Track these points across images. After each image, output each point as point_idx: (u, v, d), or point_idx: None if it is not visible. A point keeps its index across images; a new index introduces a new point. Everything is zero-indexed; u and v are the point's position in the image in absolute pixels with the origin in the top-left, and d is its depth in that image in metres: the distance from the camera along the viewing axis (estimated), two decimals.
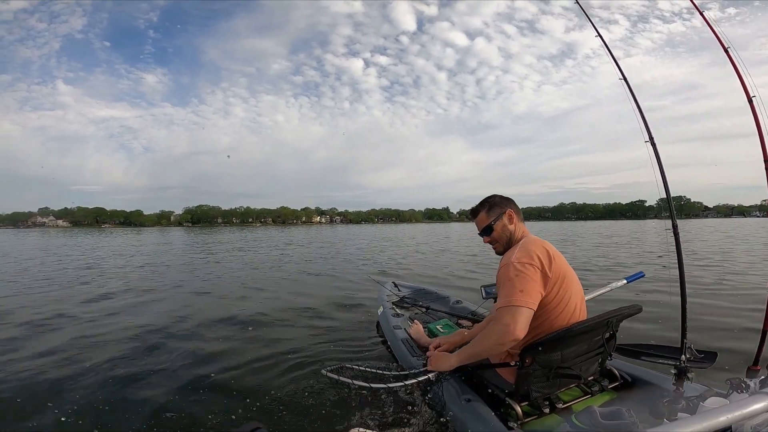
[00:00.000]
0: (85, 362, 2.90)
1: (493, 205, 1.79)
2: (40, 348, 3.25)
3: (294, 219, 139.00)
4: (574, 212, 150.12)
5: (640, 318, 1.65)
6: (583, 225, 52.73)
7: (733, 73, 2.01)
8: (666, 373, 1.65)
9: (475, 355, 1.62)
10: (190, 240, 24.14)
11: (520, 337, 1.43)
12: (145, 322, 4.08)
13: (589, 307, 1.74)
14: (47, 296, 5.75)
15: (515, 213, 1.76)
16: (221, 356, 3.03)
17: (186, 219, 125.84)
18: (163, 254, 13.81)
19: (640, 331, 3.22)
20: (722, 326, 3.48)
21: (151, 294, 5.93)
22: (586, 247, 14.16)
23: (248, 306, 4.94)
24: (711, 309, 4.13)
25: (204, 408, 2.18)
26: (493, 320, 1.52)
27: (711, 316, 3.87)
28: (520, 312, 1.43)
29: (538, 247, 1.58)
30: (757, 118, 1.91)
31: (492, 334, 1.49)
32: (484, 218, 1.78)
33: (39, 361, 2.94)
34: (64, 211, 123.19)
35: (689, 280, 2.21)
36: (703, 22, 2.21)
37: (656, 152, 1.97)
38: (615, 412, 1.24)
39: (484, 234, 1.79)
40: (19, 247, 19.12)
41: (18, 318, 4.32)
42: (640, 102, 2.10)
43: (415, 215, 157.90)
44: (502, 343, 1.47)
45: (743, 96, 1.97)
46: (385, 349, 2.98)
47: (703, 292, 5.04)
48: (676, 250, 1.87)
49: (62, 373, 2.70)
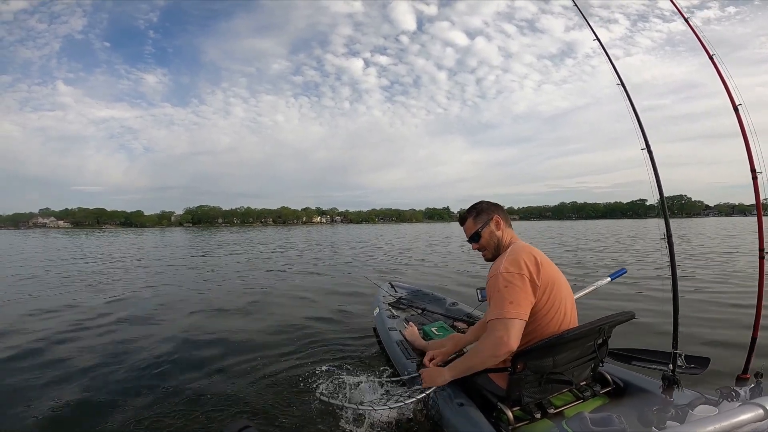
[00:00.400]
0: (77, 362, 2.90)
1: (480, 211, 1.78)
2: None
3: (294, 219, 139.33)
4: (574, 211, 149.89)
5: (633, 321, 1.65)
6: (585, 224, 52.68)
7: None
8: (658, 378, 1.65)
9: (469, 369, 1.62)
10: (192, 241, 23.95)
11: (514, 348, 1.43)
12: (139, 324, 4.08)
13: (579, 306, 1.74)
14: (43, 301, 5.73)
15: (502, 219, 1.76)
16: (213, 356, 3.03)
17: (187, 219, 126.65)
18: (170, 257, 13.71)
19: (632, 333, 3.23)
20: (712, 332, 3.48)
21: (149, 292, 5.93)
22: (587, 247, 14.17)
23: (244, 307, 4.93)
24: (703, 310, 4.14)
25: (194, 408, 2.19)
26: (486, 333, 1.52)
27: (703, 313, 3.88)
28: (512, 324, 1.44)
29: (526, 254, 1.58)
30: (743, 127, 1.91)
31: (486, 347, 1.49)
32: (472, 225, 1.78)
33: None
34: (65, 212, 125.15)
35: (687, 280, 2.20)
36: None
37: (652, 161, 1.97)
38: (605, 418, 1.24)
39: (472, 241, 1.79)
40: (22, 248, 18.95)
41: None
42: (636, 107, 2.10)
43: (416, 215, 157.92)
44: (496, 356, 1.47)
45: (739, 98, 1.96)
46: (380, 351, 2.98)
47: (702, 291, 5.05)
48: (670, 260, 1.87)
49: (55, 374, 2.70)
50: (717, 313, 4.07)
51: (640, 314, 1.85)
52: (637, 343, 2.08)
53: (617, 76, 2.31)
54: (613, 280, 2.65)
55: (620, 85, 2.28)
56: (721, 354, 2.70)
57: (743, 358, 1.84)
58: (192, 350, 3.19)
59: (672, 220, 1.98)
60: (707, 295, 4.93)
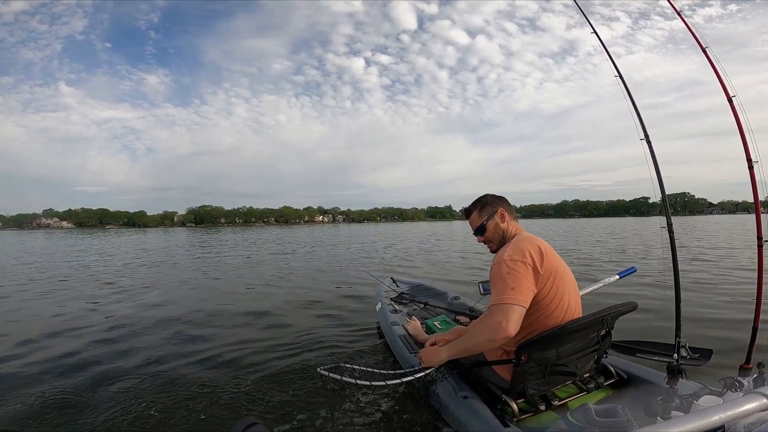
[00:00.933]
0: (83, 355, 2.92)
1: (485, 204, 1.80)
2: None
3: (296, 219, 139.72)
4: (577, 209, 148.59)
5: (635, 313, 1.65)
6: (587, 222, 52.60)
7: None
8: (662, 370, 1.66)
9: (466, 350, 1.62)
10: (195, 241, 23.88)
11: (512, 335, 1.43)
12: (148, 320, 4.09)
13: (584, 302, 1.75)
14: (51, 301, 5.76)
15: (507, 211, 1.77)
16: (217, 352, 3.05)
17: (189, 219, 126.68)
18: (178, 257, 13.67)
19: (635, 327, 3.24)
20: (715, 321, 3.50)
21: (155, 291, 5.95)
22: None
23: (249, 303, 4.95)
24: (706, 303, 4.16)
25: (201, 404, 2.20)
26: (485, 317, 1.52)
27: (705, 309, 3.89)
28: (512, 309, 1.43)
29: (530, 244, 1.58)
30: (737, 118, 1.93)
31: (484, 330, 1.49)
32: (477, 218, 1.80)
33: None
34: (68, 213, 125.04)
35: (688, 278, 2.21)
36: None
37: (651, 150, 1.97)
38: (610, 409, 1.25)
39: (477, 234, 1.81)
40: (30, 248, 18.87)
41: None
42: (636, 100, 2.10)
43: (418, 214, 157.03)
44: (493, 340, 1.47)
45: (742, 93, 1.97)
46: (383, 345, 2.99)
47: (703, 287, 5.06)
48: (671, 249, 1.88)
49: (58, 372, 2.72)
50: (719, 305, 4.08)
51: (642, 305, 1.86)
52: (640, 335, 2.09)
53: (615, 68, 2.31)
54: (621, 278, 2.62)
55: (618, 77, 2.28)
56: (723, 344, 2.72)
57: (745, 348, 1.85)
58: (196, 347, 3.21)
59: (675, 218, 1.99)
60: (710, 286, 4.94)
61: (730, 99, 1.99)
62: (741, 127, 1.96)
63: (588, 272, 6.77)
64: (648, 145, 2.04)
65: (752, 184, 1.95)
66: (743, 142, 1.96)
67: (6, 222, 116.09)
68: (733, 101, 1.99)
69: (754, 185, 1.94)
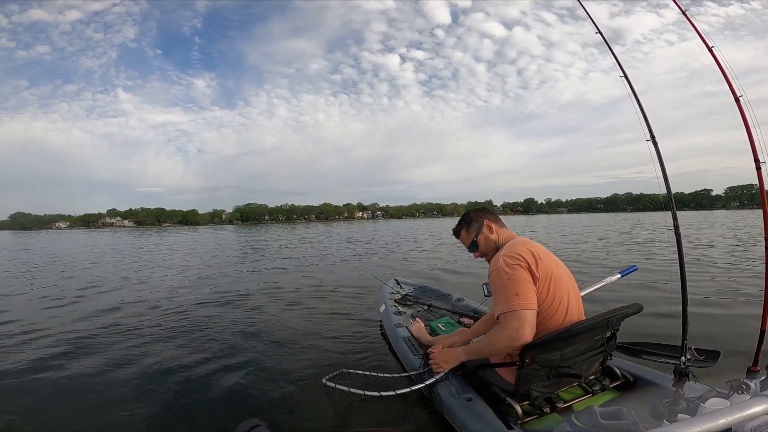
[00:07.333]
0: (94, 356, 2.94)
1: (470, 221, 1.86)
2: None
3: (336, 215, 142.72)
4: (629, 203, 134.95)
5: (642, 314, 1.64)
6: (638, 216, 49.21)
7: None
8: (668, 372, 1.64)
9: (483, 353, 1.66)
10: (243, 239, 23.50)
11: (530, 339, 1.45)
12: (150, 320, 4.12)
13: (585, 301, 1.74)
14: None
15: (493, 221, 1.81)
16: (219, 352, 3.06)
17: (236, 217, 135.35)
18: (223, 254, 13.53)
19: (642, 328, 3.21)
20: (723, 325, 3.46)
21: (163, 291, 5.99)
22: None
23: (252, 304, 4.96)
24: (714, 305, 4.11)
25: (204, 405, 2.21)
26: (499, 326, 1.53)
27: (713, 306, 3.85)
28: (524, 315, 1.46)
29: (522, 248, 1.61)
30: (745, 118, 1.92)
31: (503, 339, 1.50)
32: (466, 236, 1.86)
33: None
34: (129, 212, 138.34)
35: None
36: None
37: (657, 150, 1.96)
38: (615, 412, 1.24)
39: (471, 250, 1.86)
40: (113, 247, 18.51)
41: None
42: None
43: (457, 209, 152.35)
44: (512, 347, 1.51)
45: (741, 90, 1.96)
46: (387, 347, 2.99)
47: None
48: (678, 250, 1.86)
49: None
50: (727, 305, 4.04)
51: (648, 307, 1.84)
52: (645, 337, 2.07)
53: (620, 68, 2.31)
54: (623, 276, 2.63)
55: (623, 77, 2.27)
56: (731, 347, 2.68)
57: (753, 350, 1.83)
58: (197, 345, 3.22)
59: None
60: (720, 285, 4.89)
61: (737, 99, 1.99)
62: (748, 128, 1.95)
63: (587, 273, 6.72)
64: (654, 146, 2.04)
65: (759, 184, 1.94)
66: (750, 141, 1.95)
67: (74, 222, 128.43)
68: (740, 101, 1.99)
69: (762, 185, 1.93)
